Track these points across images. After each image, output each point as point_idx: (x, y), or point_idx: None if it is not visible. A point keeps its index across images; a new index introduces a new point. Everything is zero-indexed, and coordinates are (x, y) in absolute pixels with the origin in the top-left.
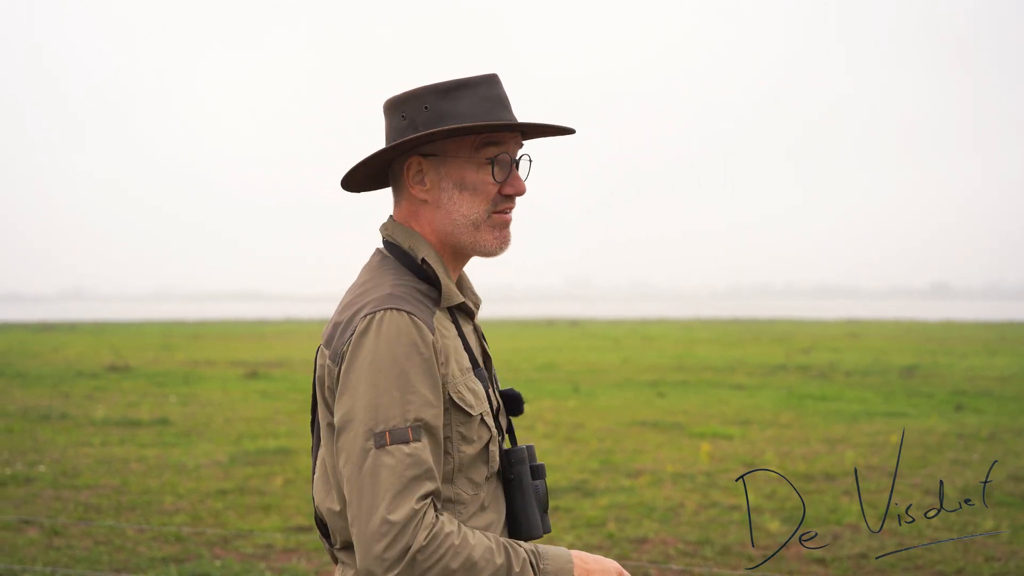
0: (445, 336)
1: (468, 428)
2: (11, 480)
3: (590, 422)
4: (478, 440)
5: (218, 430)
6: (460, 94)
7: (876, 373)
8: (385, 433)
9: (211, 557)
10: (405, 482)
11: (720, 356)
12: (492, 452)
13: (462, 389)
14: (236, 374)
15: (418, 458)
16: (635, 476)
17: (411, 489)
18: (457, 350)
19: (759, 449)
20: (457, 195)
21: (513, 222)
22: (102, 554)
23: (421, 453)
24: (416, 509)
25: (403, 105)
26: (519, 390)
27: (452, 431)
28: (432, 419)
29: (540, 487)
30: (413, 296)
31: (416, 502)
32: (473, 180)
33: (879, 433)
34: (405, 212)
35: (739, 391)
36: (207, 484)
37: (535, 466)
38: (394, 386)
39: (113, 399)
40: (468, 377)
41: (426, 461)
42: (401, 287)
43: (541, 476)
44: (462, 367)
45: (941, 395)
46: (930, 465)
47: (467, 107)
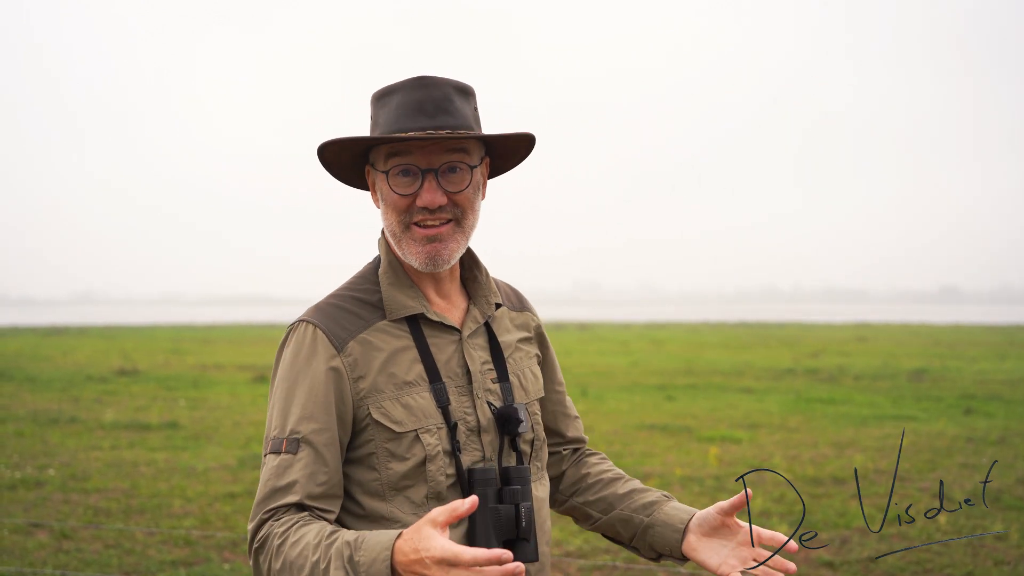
0: (376, 349)
1: (396, 445)
2: (21, 483)
3: (599, 425)
4: (411, 458)
5: (227, 434)
6: (387, 100)
7: (885, 377)
8: (269, 442)
9: (220, 560)
10: (267, 491)
11: (729, 360)
12: (431, 471)
13: (388, 405)
14: (245, 378)
15: (282, 470)
16: (644, 479)
17: (269, 499)
18: (397, 363)
19: (767, 453)
20: (383, 207)
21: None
22: (111, 557)
23: (289, 465)
24: (264, 519)
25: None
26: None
27: (378, 447)
28: (310, 433)
29: (503, 512)
30: (346, 307)
31: (265, 513)
32: (385, 192)
33: (888, 437)
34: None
35: (748, 395)
36: (216, 487)
37: (509, 490)
38: (281, 397)
39: (122, 403)
40: (406, 392)
41: (291, 474)
42: (338, 297)
43: (512, 501)
44: (399, 381)
45: (950, 399)
46: (939, 469)
47: (385, 115)
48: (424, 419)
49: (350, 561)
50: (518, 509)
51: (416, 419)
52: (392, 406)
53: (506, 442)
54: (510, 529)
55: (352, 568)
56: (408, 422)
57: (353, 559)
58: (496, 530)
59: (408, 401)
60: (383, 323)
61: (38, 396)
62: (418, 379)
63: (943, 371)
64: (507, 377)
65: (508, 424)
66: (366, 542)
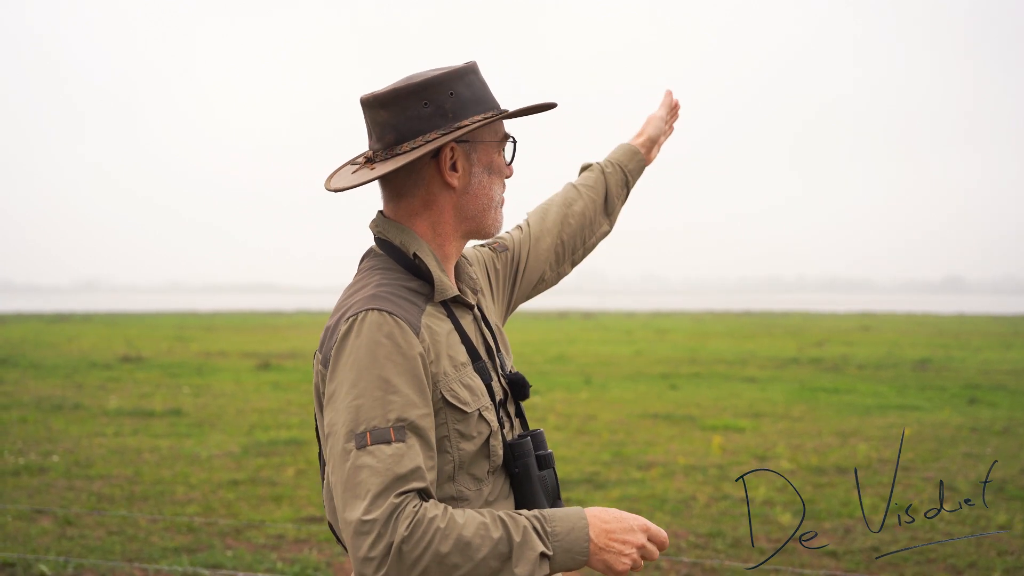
0: (436, 332)
1: (466, 425)
2: (24, 470)
3: (602, 414)
4: (478, 436)
5: (230, 421)
6: (472, 79)
7: (889, 366)
8: (366, 434)
9: (223, 547)
10: (387, 482)
11: (732, 349)
12: (493, 447)
13: (455, 387)
14: (249, 365)
15: (400, 458)
16: (647, 468)
17: (392, 487)
18: (452, 346)
19: (771, 442)
20: (487, 178)
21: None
22: (115, 544)
23: (404, 453)
24: (396, 503)
25: (424, 92)
26: (529, 379)
27: (449, 429)
28: (418, 419)
29: (548, 477)
30: (399, 294)
31: (396, 497)
32: (498, 163)
33: (892, 426)
34: (418, 204)
35: (751, 384)
36: (219, 475)
37: (542, 455)
38: (375, 386)
39: (126, 390)
40: (464, 373)
41: (411, 461)
42: (386, 286)
43: (549, 466)
44: (457, 363)
45: (954, 388)
46: (943, 459)
47: (481, 91)
48: (482, 397)
49: (544, 533)
50: (554, 473)
51: (477, 399)
52: (459, 388)
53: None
54: (555, 490)
55: (548, 538)
56: (472, 402)
57: (546, 530)
58: (546, 496)
59: (467, 382)
60: (429, 307)
61: (42, 383)
62: (466, 359)
63: (947, 361)
64: (499, 347)
65: (521, 389)
66: (555, 515)
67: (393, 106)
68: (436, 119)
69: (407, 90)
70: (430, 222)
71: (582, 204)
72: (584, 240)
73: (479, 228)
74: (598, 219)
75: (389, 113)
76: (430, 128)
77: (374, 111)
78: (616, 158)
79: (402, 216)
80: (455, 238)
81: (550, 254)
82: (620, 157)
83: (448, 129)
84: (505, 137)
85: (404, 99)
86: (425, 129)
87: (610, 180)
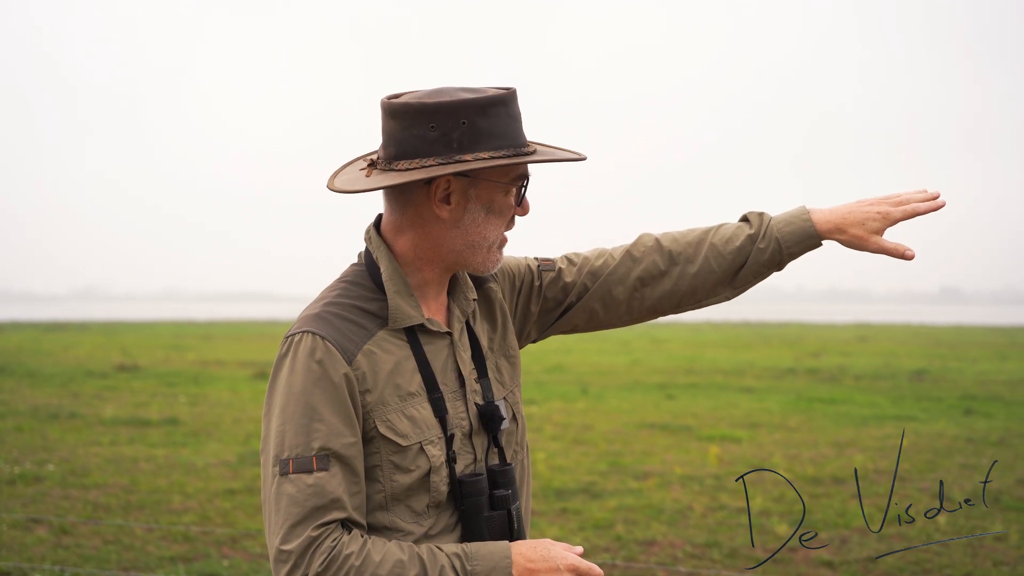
0: (379, 361)
1: (402, 457)
2: (20, 479)
3: (599, 424)
4: (416, 470)
5: (227, 430)
6: (497, 111)
7: (886, 377)
8: (289, 461)
9: (219, 556)
10: (305, 512)
11: (729, 359)
12: (435, 483)
13: (393, 417)
14: (245, 374)
15: (320, 488)
16: (643, 478)
17: (311, 519)
18: (401, 374)
19: (768, 452)
20: (483, 217)
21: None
22: (111, 553)
23: (325, 483)
24: (314, 536)
25: (434, 115)
26: (525, 390)
27: (382, 459)
28: (342, 448)
29: (497, 519)
30: (347, 316)
31: (314, 530)
32: (500, 203)
33: (888, 437)
34: (405, 223)
35: (748, 394)
36: (216, 484)
37: (500, 496)
38: (300, 413)
39: (122, 399)
40: (409, 404)
41: (331, 491)
42: (337, 305)
43: (504, 506)
44: (403, 393)
45: (950, 399)
46: (939, 469)
47: (503, 125)
48: (427, 431)
49: (464, 572)
50: (510, 513)
51: (420, 431)
52: (397, 419)
53: (489, 440)
54: (504, 534)
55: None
56: (413, 435)
57: (466, 569)
58: (490, 537)
59: (412, 413)
60: (383, 332)
61: (38, 391)
62: (419, 389)
63: (944, 371)
64: (487, 373)
65: (491, 422)
66: (477, 551)
67: (401, 119)
68: (438, 146)
69: (417, 108)
70: (413, 243)
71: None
72: (677, 305)
73: (465, 264)
74: (716, 289)
75: (396, 125)
76: (429, 153)
77: (385, 118)
78: (781, 232)
79: (389, 229)
80: (437, 266)
81: (612, 301)
82: (788, 234)
83: (448, 160)
84: (517, 178)
85: (413, 116)
86: (424, 153)
87: (755, 257)
